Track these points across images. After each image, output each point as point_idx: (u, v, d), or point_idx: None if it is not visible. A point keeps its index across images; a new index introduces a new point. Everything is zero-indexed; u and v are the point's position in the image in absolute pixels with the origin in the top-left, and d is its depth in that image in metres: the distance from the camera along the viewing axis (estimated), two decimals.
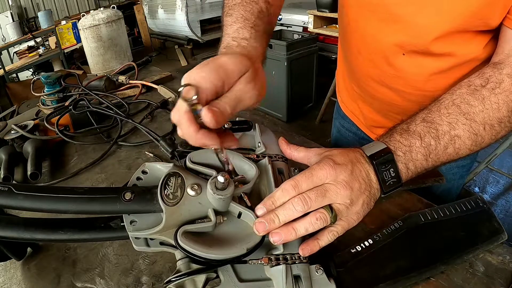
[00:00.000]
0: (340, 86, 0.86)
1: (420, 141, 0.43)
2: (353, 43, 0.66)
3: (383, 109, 0.70)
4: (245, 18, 0.51)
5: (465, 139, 0.43)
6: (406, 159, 0.42)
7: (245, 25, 0.50)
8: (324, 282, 0.39)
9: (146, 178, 0.43)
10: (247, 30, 0.49)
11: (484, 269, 0.45)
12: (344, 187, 0.39)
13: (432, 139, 0.43)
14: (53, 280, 0.50)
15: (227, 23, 0.51)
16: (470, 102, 0.44)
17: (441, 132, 0.43)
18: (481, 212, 0.50)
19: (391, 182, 0.42)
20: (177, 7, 4.84)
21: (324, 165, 0.40)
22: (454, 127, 0.43)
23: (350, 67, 0.73)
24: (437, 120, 0.44)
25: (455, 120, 0.43)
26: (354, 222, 0.41)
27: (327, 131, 3.00)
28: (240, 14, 0.52)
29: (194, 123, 0.35)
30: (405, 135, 0.44)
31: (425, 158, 0.43)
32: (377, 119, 0.73)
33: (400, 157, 0.42)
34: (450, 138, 0.43)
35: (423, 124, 0.44)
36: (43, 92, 0.97)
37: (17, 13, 5.93)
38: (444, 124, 0.43)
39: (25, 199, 0.36)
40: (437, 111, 0.45)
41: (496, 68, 0.45)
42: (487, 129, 0.44)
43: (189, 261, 0.38)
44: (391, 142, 0.43)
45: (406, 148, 0.42)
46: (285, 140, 0.50)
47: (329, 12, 2.89)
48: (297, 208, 0.38)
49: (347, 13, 0.64)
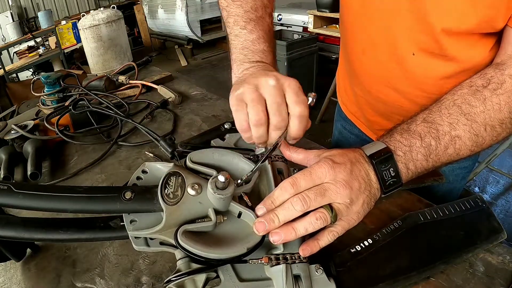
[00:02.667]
0: (341, 89, 0.85)
1: (420, 141, 0.43)
2: (357, 43, 0.66)
3: (386, 111, 0.69)
4: (260, 30, 0.56)
5: (465, 139, 0.43)
6: (406, 159, 0.42)
7: (260, 37, 0.55)
8: (324, 281, 0.39)
9: (146, 177, 0.43)
10: (262, 43, 0.54)
11: (484, 269, 0.45)
12: (343, 186, 0.38)
13: (432, 139, 0.43)
14: (53, 280, 0.50)
15: (248, 38, 0.55)
16: (471, 102, 0.44)
17: (442, 133, 0.43)
18: (480, 211, 0.50)
19: (391, 181, 0.41)
20: (177, 7, 4.85)
21: (323, 164, 0.40)
22: (455, 127, 0.43)
23: (352, 69, 0.73)
24: (437, 120, 0.44)
25: (455, 121, 0.43)
26: (355, 222, 0.41)
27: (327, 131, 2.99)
28: (254, 22, 0.56)
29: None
30: (406, 135, 0.43)
31: (426, 158, 0.43)
32: (380, 121, 0.73)
33: (400, 157, 0.42)
34: (451, 138, 0.43)
35: (423, 124, 0.44)
36: (43, 92, 0.97)
37: (17, 13, 5.93)
38: (444, 125, 0.43)
39: (25, 198, 0.36)
40: (437, 111, 0.45)
41: (498, 68, 0.45)
42: (488, 130, 0.44)
43: (189, 261, 0.38)
44: (391, 141, 0.43)
45: (406, 148, 0.42)
46: (285, 141, 0.50)
47: (329, 12, 2.89)
48: (296, 207, 0.38)
49: (351, 13, 0.64)
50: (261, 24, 0.56)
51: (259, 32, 0.55)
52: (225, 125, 0.49)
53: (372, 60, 0.63)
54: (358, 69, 0.70)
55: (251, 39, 0.54)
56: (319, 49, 3.07)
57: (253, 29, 0.55)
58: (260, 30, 0.55)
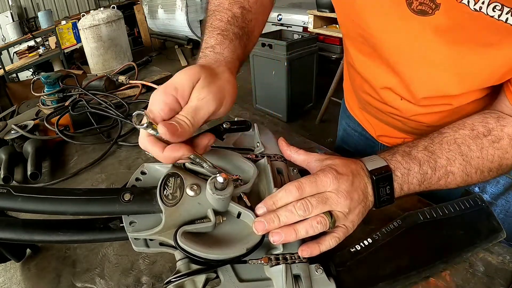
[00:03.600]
0: (347, 91, 0.87)
1: (418, 167, 0.45)
2: (356, 76, 0.68)
3: (388, 124, 0.72)
4: (214, 27, 0.53)
5: (457, 176, 0.46)
6: (403, 181, 0.44)
7: (212, 33, 0.52)
8: (323, 281, 0.39)
9: (145, 178, 0.43)
10: (214, 38, 0.51)
11: (484, 269, 0.45)
12: (344, 196, 0.40)
13: (429, 168, 0.45)
14: (53, 280, 0.50)
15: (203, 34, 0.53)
16: (471, 146, 0.46)
17: (439, 165, 0.45)
18: (479, 210, 0.50)
19: (385, 198, 0.44)
20: (177, 7, 4.84)
21: (328, 173, 0.41)
22: (451, 163, 0.46)
23: (354, 88, 0.76)
24: (437, 152, 0.46)
25: (453, 158, 0.46)
26: (351, 229, 0.42)
27: (327, 131, 3.00)
28: (210, 23, 0.54)
29: (157, 144, 0.37)
30: (406, 158, 0.46)
31: (419, 184, 0.45)
32: (382, 127, 0.75)
33: (398, 178, 0.44)
34: (445, 172, 0.46)
35: (424, 153, 0.46)
36: (43, 92, 0.97)
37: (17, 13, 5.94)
38: (443, 158, 0.46)
39: (24, 201, 0.36)
40: (439, 143, 0.47)
41: (499, 122, 0.47)
42: (478, 173, 0.47)
43: (188, 262, 0.38)
44: (392, 161, 0.45)
45: (405, 170, 0.45)
46: (285, 141, 0.50)
47: (329, 12, 2.89)
48: (299, 212, 0.39)
49: (347, 49, 0.66)
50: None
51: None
52: (224, 125, 0.49)
53: (366, 92, 0.66)
54: (358, 92, 0.73)
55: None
56: (319, 49, 3.07)
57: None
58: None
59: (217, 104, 0.40)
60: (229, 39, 0.51)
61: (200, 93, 0.39)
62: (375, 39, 0.53)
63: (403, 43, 0.50)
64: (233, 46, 0.50)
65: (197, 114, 0.38)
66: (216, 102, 0.40)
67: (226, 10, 0.55)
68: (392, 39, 0.51)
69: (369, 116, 0.77)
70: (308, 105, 3.26)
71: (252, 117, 0.95)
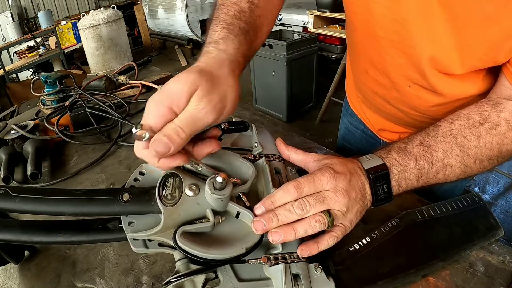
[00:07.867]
0: (349, 88, 0.87)
1: (415, 163, 0.45)
2: (361, 62, 0.67)
3: (389, 118, 0.72)
4: (219, 20, 0.51)
5: (455, 168, 0.46)
6: (400, 178, 0.44)
7: (217, 26, 0.49)
8: (323, 280, 0.39)
9: (143, 179, 0.43)
10: (218, 32, 0.48)
11: (484, 269, 0.45)
12: (342, 195, 0.40)
13: (426, 163, 0.45)
14: (53, 280, 0.50)
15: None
16: (467, 136, 0.46)
17: (436, 159, 0.45)
18: (477, 208, 0.50)
19: (382, 196, 0.44)
20: (177, 7, 4.84)
21: (325, 172, 0.41)
22: (448, 156, 0.45)
23: (357, 81, 0.76)
24: (433, 146, 0.46)
25: (450, 150, 0.45)
26: (349, 228, 0.42)
27: (327, 131, 3.00)
28: (216, 17, 0.52)
29: (153, 155, 0.37)
30: (402, 154, 0.45)
31: (417, 179, 0.45)
32: (383, 123, 0.75)
33: (395, 175, 0.44)
34: (443, 165, 0.45)
35: (419, 147, 0.46)
36: (43, 92, 0.97)
37: (17, 13, 5.94)
38: (439, 151, 0.45)
39: (22, 201, 0.36)
40: (434, 137, 0.46)
41: (495, 109, 0.46)
42: (477, 163, 0.46)
43: (188, 262, 0.38)
44: (388, 158, 0.45)
45: (401, 167, 0.44)
46: (282, 141, 0.50)
47: (329, 12, 2.88)
48: (297, 211, 0.39)
49: (355, 34, 0.64)
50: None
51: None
52: (222, 125, 0.49)
53: (373, 79, 0.65)
54: (362, 84, 0.73)
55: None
56: (319, 49, 3.06)
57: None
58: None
59: (216, 114, 0.38)
60: (234, 33, 0.48)
61: (199, 102, 0.36)
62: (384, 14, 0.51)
63: (411, 16, 0.48)
64: (238, 42, 0.48)
65: (194, 125, 0.37)
66: (216, 112, 0.38)
67: (233, 4, 0.54)
68: (402, 11, 0.49)
69: (370, 112, 0.77)
70: (308, 105, 3.26)
71: (252, 117, 0.95)
